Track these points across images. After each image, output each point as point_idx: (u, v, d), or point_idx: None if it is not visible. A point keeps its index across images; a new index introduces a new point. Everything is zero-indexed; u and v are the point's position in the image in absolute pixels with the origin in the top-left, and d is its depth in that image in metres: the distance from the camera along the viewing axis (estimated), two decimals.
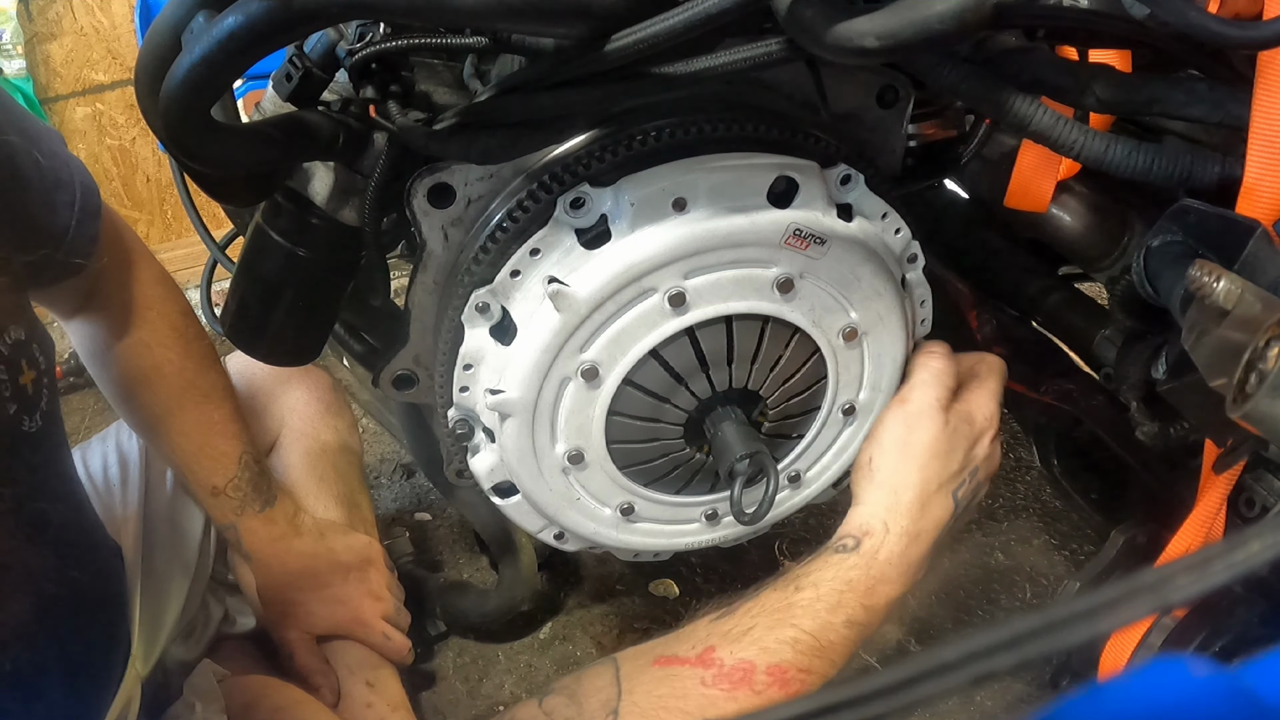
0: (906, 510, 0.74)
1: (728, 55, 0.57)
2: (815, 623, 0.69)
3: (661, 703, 0.66)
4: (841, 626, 0.69)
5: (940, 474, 0.75)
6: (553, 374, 0.68)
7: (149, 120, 0.55)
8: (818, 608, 0.69)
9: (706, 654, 0.68)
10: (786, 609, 0.69)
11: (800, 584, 0.71)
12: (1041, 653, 0.24)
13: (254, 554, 1.06)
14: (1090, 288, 1.05)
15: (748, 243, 0.66)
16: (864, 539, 0.73)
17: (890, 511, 0.74)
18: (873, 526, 0.73)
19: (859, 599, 0.70)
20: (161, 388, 1.01)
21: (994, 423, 0.79)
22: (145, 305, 1.01)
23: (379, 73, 0.63)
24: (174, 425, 1.02)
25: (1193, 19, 0.53)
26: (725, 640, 0.68)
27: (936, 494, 0.75)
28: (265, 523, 1.07)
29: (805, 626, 0.68)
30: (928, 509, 0.74)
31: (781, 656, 0.67)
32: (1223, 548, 0.25)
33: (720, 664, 0.67)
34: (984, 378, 0.80)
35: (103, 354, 1.01)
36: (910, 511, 0.74)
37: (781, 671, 0.67)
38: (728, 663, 0.67)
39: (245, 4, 0.48)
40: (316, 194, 0.70)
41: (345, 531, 1.14)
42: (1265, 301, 0.50)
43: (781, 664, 0.67)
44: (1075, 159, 0.58)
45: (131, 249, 1.02)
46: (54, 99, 2.28)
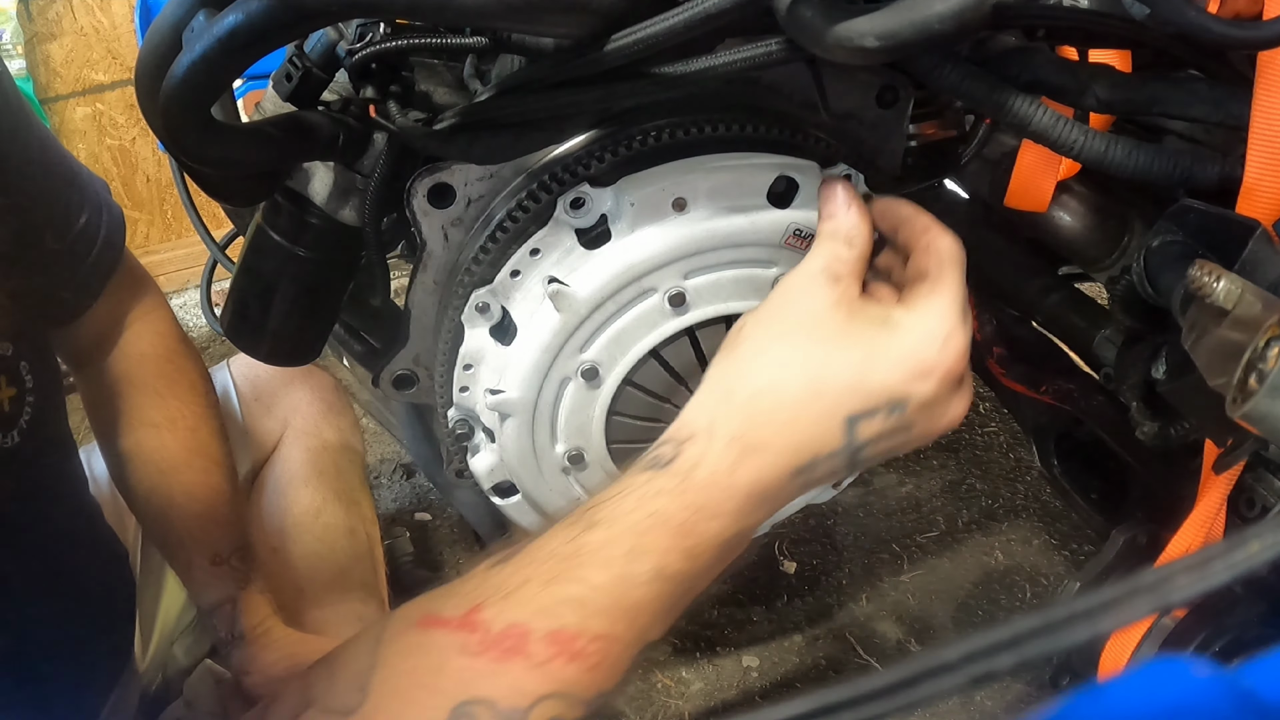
0: (747, 404, 0.53)
1: (728, 55, 0.57)
2: (609, 575, 0.51)
3: (414, 677, 0.51)
4: (649, 580, 0.51)
5: (823, 371, 0.53)
6: (553, 374, 0.68)
7: (149, 120, 0.55)
8: (613, 554, 0.51)
9: (472, 614, 0.52)
10: (573, 555, 0.52)
11: (594, 517, 0.53)
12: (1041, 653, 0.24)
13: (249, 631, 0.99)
14: (1090, 288, 1.05)
15: (748, 243, 0.66)
16: (684, 446, 0.53)
17: (724, 403, 0.54)
18: (697, 426, 0.54)
19: (672, 540, 0.52)
20: (172, 441, 0.97)
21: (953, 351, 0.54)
22: (166, 358, 1.00)
23: (379, 73, 0.63)
24: (178, 484, 0.97)
25: (1193, 19, 0.53)
26: (496, 596, 0.52)
27: (809, 399, 0.53)
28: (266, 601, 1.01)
29: (596, 580, 0.51)
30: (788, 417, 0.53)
31: (564, 621, 0.50)
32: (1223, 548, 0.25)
33: (486, 628, 0.51)
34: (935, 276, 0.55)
35: (110, 402, 0.98)
36: (754, 408, 0.53)
37: (567, 639, 0.50)
38: (495, 627, 0.51)
39: (245, 3, 0.48)
40: (316, 194, 0.70)
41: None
42: (1265, 301, 0.50)
43: (565, 629, 0.50)
44: (1075, 159, 0.58)
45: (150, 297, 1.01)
46: (54, 99, 2.28)
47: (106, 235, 0.91)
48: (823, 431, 0.53)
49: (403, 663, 0.52)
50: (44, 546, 0.81)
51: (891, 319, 0.54)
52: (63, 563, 0.84)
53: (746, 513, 0.53)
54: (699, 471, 0.52)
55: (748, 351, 0.55)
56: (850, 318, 0.54)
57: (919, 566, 1.62)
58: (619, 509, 0.53)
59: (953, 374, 0.54)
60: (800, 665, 1.47)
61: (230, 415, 1.18)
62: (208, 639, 1.10)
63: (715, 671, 1.47)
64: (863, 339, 0.54)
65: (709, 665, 1.48)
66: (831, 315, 0.54)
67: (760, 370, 0.54)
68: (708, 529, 0.52)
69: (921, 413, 0.54)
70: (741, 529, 0.53)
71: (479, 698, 0.49)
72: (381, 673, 0.52)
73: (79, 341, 0.96)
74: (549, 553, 0.53)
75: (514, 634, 0.51)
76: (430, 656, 0.52)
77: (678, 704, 1.43)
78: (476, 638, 0.51)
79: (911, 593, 1.57)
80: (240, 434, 1.19)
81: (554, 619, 0.51)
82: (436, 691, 0.50)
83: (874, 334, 0.54)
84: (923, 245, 0.57)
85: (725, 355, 0.57)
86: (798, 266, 0.57)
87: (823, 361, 0.53)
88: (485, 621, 0.51)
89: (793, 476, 0.53)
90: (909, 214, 0.60)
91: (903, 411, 0.53)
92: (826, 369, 0.53)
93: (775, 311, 0.56)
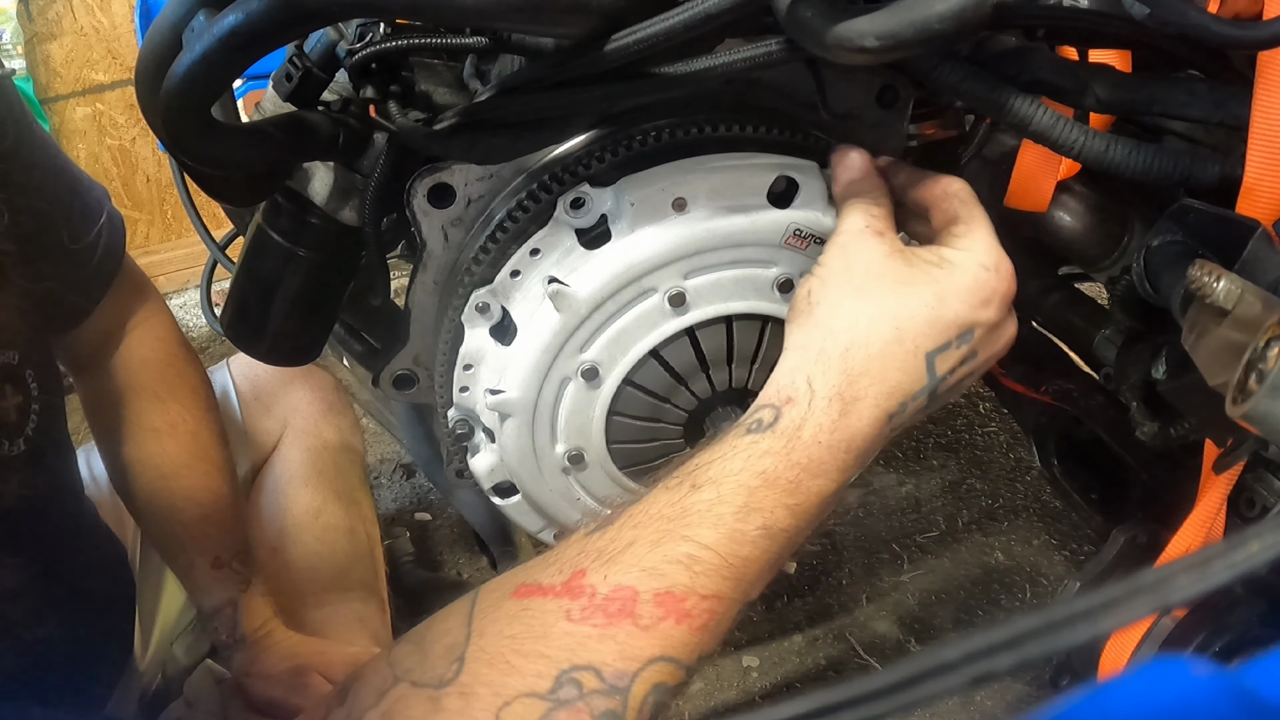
0: (841, 360, 0.55)
1: (728, 55, 0.57)
2: (718, 533, 0.52)
3: (515, 645, 0.50)
4: (757, 537, 0.52)
5: (901, 314, 0.55)
6: (553, 374, 0.68)
7: (149, 120, 0.55)
8: (722, 513, 0.52)
9: (575, 580, 0.51)
10: (680, 516, 0.53)
11: (698, 479, 0.54)
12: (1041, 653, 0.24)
13: (250, 634, 0.99)
14: (1090, 288, 1.05)
15: (748, 243, 0.66)
16: (784, 409, 0.55)
17: (819, 363, 0.55)
18: (795, 389, 0.55)
19: (779, 498, 0.53)
20: (173, 445, 0.97)
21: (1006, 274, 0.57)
22: (166, 362, 1.00)
23: (379, 73, 0.63)
24: (179, 488, 0.97)
25: (1193, 19, 0.53)
26: (599, 561, 0.52)
27: (893, 344, 0.55)
28: (267, 603, 1.02)
29: (705, 539, 0.52)
30: (878, 365, 0.55)
31: (674, 581, 0.50)
32: (1223, 548, 0.25)
33: (592, 592, 0.50)
34: (966, 216, 0.59)
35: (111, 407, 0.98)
36: (847, 363, 0.55)
37: (677, 600, 0.50)
38: (601, 590, 0.50)
39: (246, 2, 0.48)
40: (316, 194, 0.70)
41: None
42: (1265, 301, 0.50)
43: (675, 590, 0.50)
44: (1075, 159, 0.58)
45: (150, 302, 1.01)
46: (54, 99, 2.28)
47: (108, 241, 0.91)
48: (909, 372, 0.55)
49: (503, 630, 0.51)
50: (47, 549, 0.81)
51: (947, 257, 0.58)
52: (64, 565, 0.84)
53: (847, 466, 0.55)
54: (804, 431, 0.54)
55: (826, 313, 0.57)
56: (909, 263, 0.57)
57: (919, 566, 1.62)
58: (725, 469, 0.54)
59: (1009, 296, 0.58)
60: (800, 665, 1.47)
61: (230, 415, 1.18)
62: (208, 639, 1.10)
63: (715, 671, 1.47)
64: (929, 279, 0.56)
65: (709, 665, 1.47)
66: (892, 263, 0.57)
67: (845, 327, 0.56)
68: (813, 485, 0.54)
69: (986, 337, 0.58)
70: (842, 483, 0.55)
71: (586, 663, 0.49)
72: (478, 642, 0.51)
73: (80, 347, 0.96)
74: (654, 514, 0.53)
75: (621, 596, 0.50)
76: (533, 624, 0.51)
77: (677, 704, 1.43)
78: (581, 603, 0.50)
79: (911, 593, 1.57)
80: (240, 434, 1.19)
81: (664, 579, 0.51)
82: (540, 658, 0.49)
83: (937, 273, 0.57)
84: (938, 193, 0.61)
85: (803, 320, 0.58)
86: (840, 231, 0.60)
87: (899, 306, 0.56)
88: (591, 586, 0.51)
89: (887, 421, 0.56)
90: (909, 173, 0.64)
91: (970, 339, 0.57)
92: (904, 312, 0.55)
93: (838, 271, 0.58)
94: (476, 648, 0.51)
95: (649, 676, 0.49)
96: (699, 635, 0.51)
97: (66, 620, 0.83)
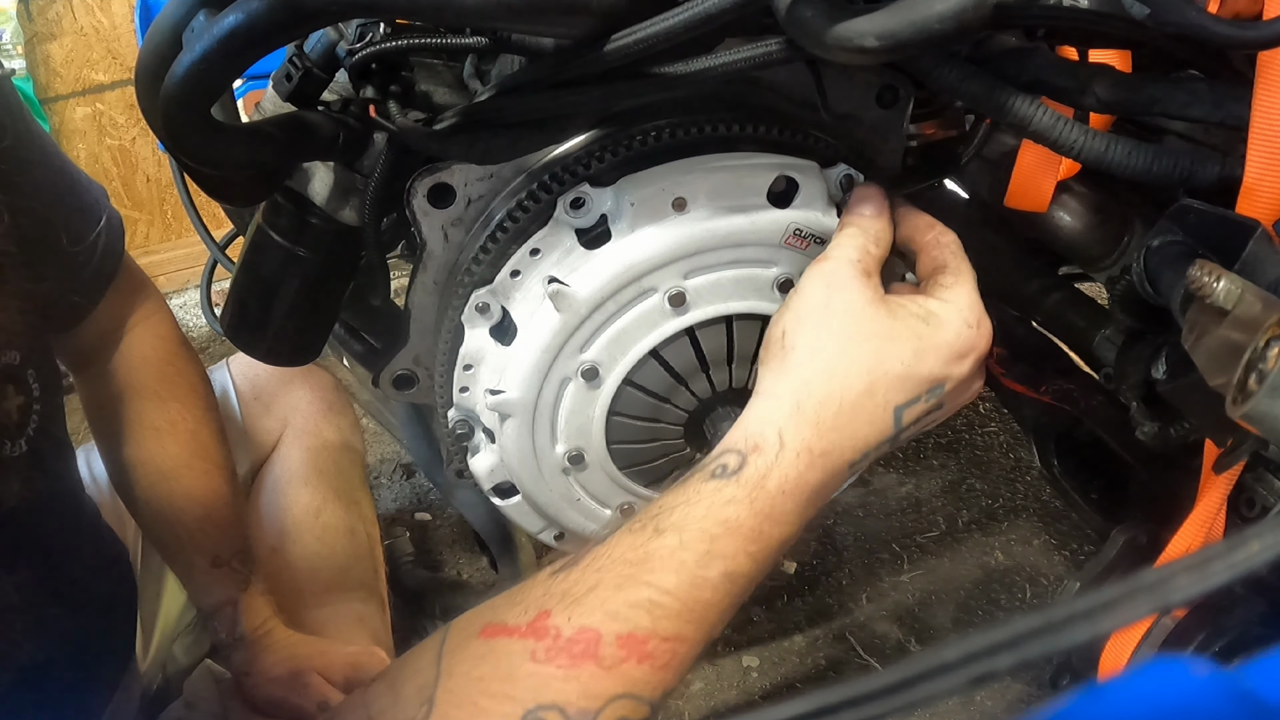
0: (814, 414, 0.55)
1: (728, 55, 0.57)
2: (680, 579, 0.53)
3: (481, 686, 0.51)
4: (718, 582, 0.53)
5: (876, 369, 0.55)
6: (553, 374, 0.68)
7: (149, 120, 0.55)
8: (684, 559, 0.53)
9: (540, 620, 0.53)
10: (642, 561, 0.53)
11: (661, 524, 0.54)
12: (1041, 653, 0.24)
13: (250, 633, 0.99)
14: (1090, 288, 1.05)
15: (748, 243, 0.66)
16: (750, 457, 0.55)
17: (792, 416, 0.55)
18: (764, 439, 0.55)
19: (741, 545, 0.54)
20: (173, 444, 0.97)
21: (986, 331, 0.58)
22: (166, 361, 1.00)
23: (379, 73, 0.63)
24: (179, 487, 0.97)
25: (1193, 19, 0.53)
26: (564, 603, 0.53)
27: (865, 398, 0.55)
28: (267, 603, 1.02)
29: (667, 585, 0.52)
30: (848, 419, 0.55)
31: (636, 624, 0.52)
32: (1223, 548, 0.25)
33: (556, 633, 0.52)
34: (954, 267, 0.59)
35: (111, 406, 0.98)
36: (819, 417, 0.55)
37: (639, 642, 0.51)
38: (565, 632, 0.52)
39: (246, 3, 0.48)
40: (316, 194, 0.70)
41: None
42: (1265, 301, 0.50)
43: (636, 633, 0.51)
44: (1075, 159, 0.58)
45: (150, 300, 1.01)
46: (54, 99, 2.28)
47: (108, 240, 0.91)
48: (877, 425, 0.56)
49: (470, 672, 0.53)
50: (48, 550, 0.81)
51: (933, 310, 0.58)
52: (66, 565, 0.84)
53: (808, 514, 0.56)
54: (769, 481, 0.54)
55: (801, 359, 0.57)
56: (891, 314, 0.57)
57: (919, 566, 1.62)
58: (689, 515, 0.54)
59: (985, 353, 0.59)
60: (800, 665, 1.47)
61: (229, 415, 1.18)
62: (208, 639, 1.10)
63: (715, 671, 1.47)
64: (910, 334, 0.56)
65: (709, 665, 1.47)
66: (875, 312, 0.57)
67: (821, 379, 0.56)
68: (774, 533, 0.55)
69: (954, 392, 0.59)
70: (800, 528, 0.57)
71: (550, 702, 0.50)
72: (447, 684, 0.53)
73: (80, 346, 0.96)
74: (617, 558, 0.54)
75: (585, 638, 0.52)
76: (499, 665, 0.52)
77: (678, 704, 1.42)
78: (545, 644, 0.52)
79: (911, 593, 1.57)
80: (239, 433, 1.19)
81: (626, 623, 0.52)
82: (506, 699, 0.51)
83: (918, 328, 0.57)
84: (931, 239, 0.61)
85: (776, 365, 0.58)
86: (828, 257, 0.60)
87: (876, 360, 0.56)
88: (555, 627, 0.52)
89: (849, 470, 0.57)
90: (906, 210, 0.64)
91: (940, 393, 0.58)
92: (880, 366, 0.56)
93: (817, 310, 0.58)
94: (445, 689, 0.53)
95: (611, 713, 0.51)
96: (661, 674, 0.53)
97: (68, 621, 0.83)
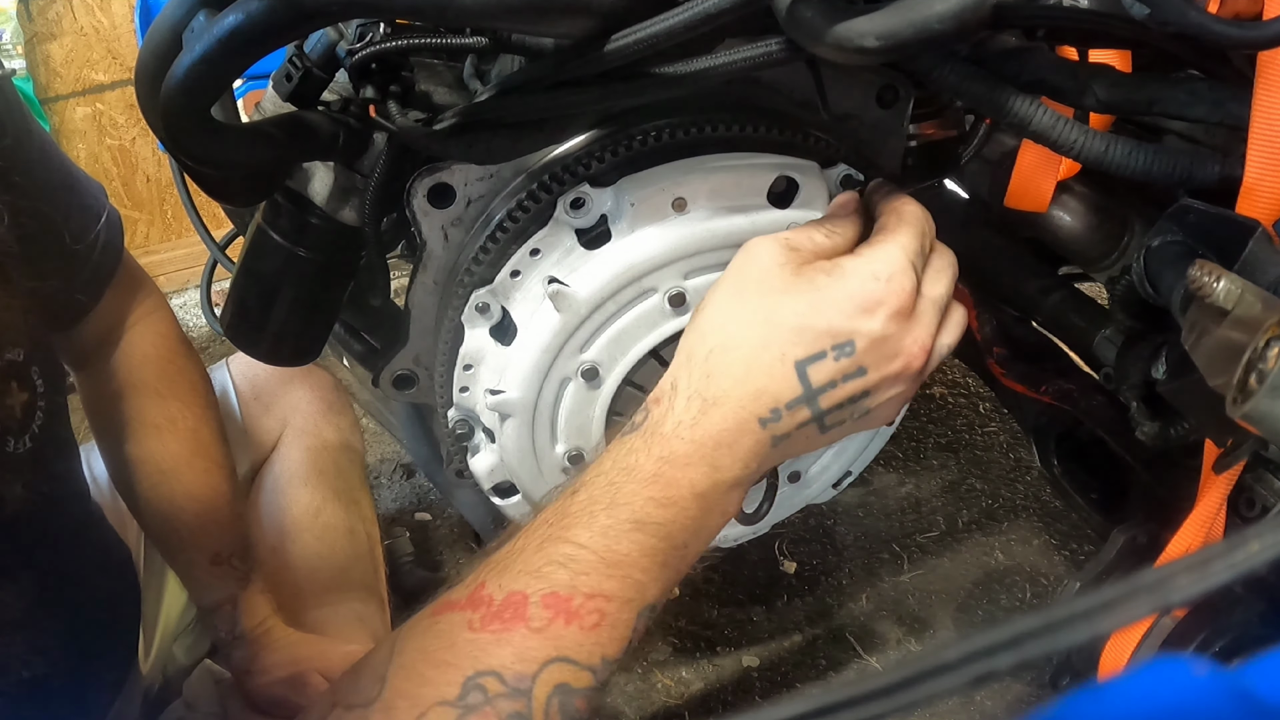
0: (703, 363, 0.55)
1: (728, 55, 0.57)
2: (591, 531, 0.53)
3: (426, 656, 0.53)
4: (629, 530, 0.53)
5: (770, 320, 0.55)
6: (553, 374, 0.68)
7: (149, 120, 0.55)
8: (594, 511, 0.54)
9: (476, 591, 0.54)
10: (559, 519, 0.54)
11: (578, 483, 0.56)
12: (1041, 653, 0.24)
13: (249, 631, 0.99)
14: (1090, 288, 1.05)
15: None
16: (651, 409, 0.56)
17: (684, 365, 0.56)
18: (662, 390, 0.57)
19: (642, 489, 0.54)
20: (173, 442, 0.97)
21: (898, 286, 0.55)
22: (167, 359, 1.00)
23: (379, 73, 0.63)
24: (179, 485, 0.97)
25: (1193, 19, 0.53)
26: (495, 571, 0.54)
27: (761, 350, 0.54)
28: (267, 601, 1.01)
29: (580, 538, 0.53)
30: (741, 369, 0.54)
31: (556, 581, 0.52)
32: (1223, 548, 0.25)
33: (489, 600, 0.53)
34: (891, 226, 0.58)
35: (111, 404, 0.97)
36: (709, 366, 0.55)
37: (562, 600, 0.52)
38: (496, 598, 0.53)
39: (246, 3, 0.48)
40: (316, 194, 0.70)
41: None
42: (1265, 301, 0.50)
43: (559, 590, 0.52)
44: (1075, 159, 0.58)
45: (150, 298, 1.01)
46: (54, 99, 2.28)
47: (107, 237, 0.91)
48: (776, 379, 0.55)
49: (418, 644, 0.54)
50: (53, 550, 0.81)
51: (841, 265, 0.57)
52: (70, 566, 0.84)
53: (718, 463, 0.55)
54: (664, 426, 0.55)
55: (703, 314, 0.58)
56: (795, 272, 0.56)
57: (919, 566, 1.62)
58: (598, 469, 0.56)
59: (900, 309, 0.55)
60: (800, 665, 1.47)
61: (229, 414, 1.18)
62: (208, 639, 1.10)
63: (715, 671, 1.47)
64: (809, 287, 0.55)
65: (709, 665, 1.48)
66: (779, 271, 0.56)
67: (714, 329, 0.56)
68: (679, 477, 0.54)
69: (872, 353, 0.55)
70: (717, 481, 0.55)
71: (488, 668, 0.51)
72: (398, 660, 0.54)
73: (81, 344, 0.96)
74: (540, 521, 0.56)
75: (514, 602, 0.53)
76: (441, 637, 0.53)
77: (678, 704, 1.43)
78: (480, 612, 0.53)
79: (911, 593, 1.57)
80: (239, 433, 1.19)
81: (546, 581, 0.53)
82: (448, 667, 0.52)
83: (821, 280, 0.56)
84: (887, 208, 0.60)
85: (690, 323, 0.59)
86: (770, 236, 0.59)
87: (770, 311, 0.55)
88: (489, 595, 0.53)
89: (759, 426, 0.55)
90: (885, 191, 0.63)
91: (851, 352, 0.55)
92: (773, 317, 0.55)
93: (730, 276, 0.58)
94: (396, 664, 0.54)
95: (549, 677, 0.51)
96: (592, 634, 0.52)
97: (72, 622, 0.83)
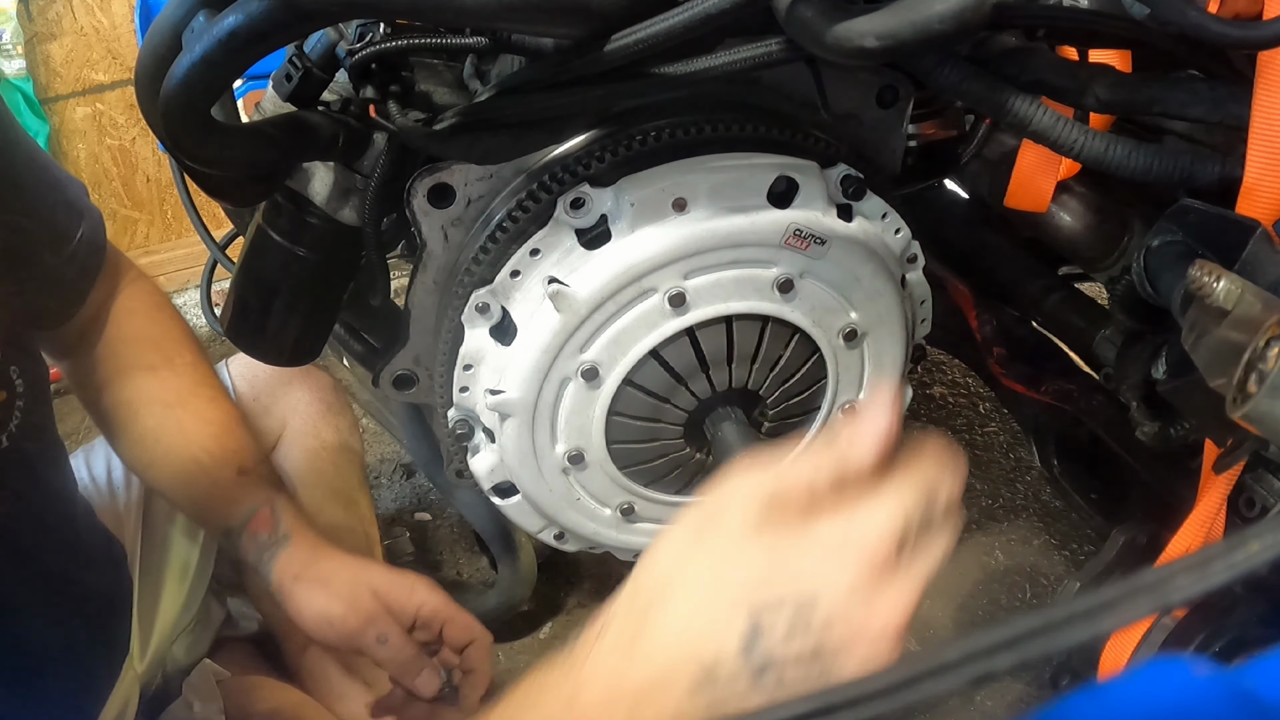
0: (642, 609, 0.45)
1: (728, 55, 0.57)
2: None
3: None
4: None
5: (722, 576, 0.44)
6: (553, 374, 0.68)
7: (149, 120, 0.55)
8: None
9: None
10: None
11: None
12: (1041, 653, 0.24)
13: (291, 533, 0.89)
14: (1090, 288, 1.05)
15: (748, 243, 0.66)
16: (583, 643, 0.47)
17: (624, 602, 0.46)
18: (597, 626, 0.47)
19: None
20: (172, 378, 0.94)
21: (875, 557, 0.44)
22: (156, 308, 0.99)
23: (379, 73, 0.63)
24: (187, 413, 0.93)
25: (1193, 19, 0.53)
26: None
27: (703, 606, 0.43)
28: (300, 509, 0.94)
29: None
30: (678, 622, 0.43)
31: None
32: (1223, 548, 0.25)
33: None
34: (881, 494, 0.45)
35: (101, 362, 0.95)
36: (637, 609, 0.45)
37: None
38: None
39: (246, 3, 0.48)
40: (316, 194, 0.70)
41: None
42: (1265, 301, 0.50)
43: None
44: (1075, 159, 0.58)
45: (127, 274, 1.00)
46: (54, 99, 2.28)
47: (89, 236, 0.90)
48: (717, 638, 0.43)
49: None
50: (37, 548, 0.81)
51: (810, 532, 0.45)
52: (56, 564, 0.84)
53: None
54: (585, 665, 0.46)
55: (665, 542, 0.48)
56: (773, 544, 0.44)
57: None
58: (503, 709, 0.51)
59: (870, 580, 0.45)
60: None
61: None
62: (208, 638, 1.11)
63: None
64: (773, 545, 0.44)
65: None
66: (751, 528, 0.45)
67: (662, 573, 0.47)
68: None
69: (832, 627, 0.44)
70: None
71: None
72: None
73: (65, 339, 0.95)
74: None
75: None
76: None
77: None
78: None
79: None
80: None
81: None
82: None
83: (787, 541, 0.44)
84: (918, 447, 0.47)
85: (642, 557, 0.49)
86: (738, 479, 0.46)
87: (726, 566, 0.45)
88: None
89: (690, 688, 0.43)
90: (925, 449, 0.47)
91: (781, 603, 0.43)
92: (728, 574, 0.45)
93: (702, 525, 0.47)
94: None
95: None
96: None
97: (60, 620, 0.82)
